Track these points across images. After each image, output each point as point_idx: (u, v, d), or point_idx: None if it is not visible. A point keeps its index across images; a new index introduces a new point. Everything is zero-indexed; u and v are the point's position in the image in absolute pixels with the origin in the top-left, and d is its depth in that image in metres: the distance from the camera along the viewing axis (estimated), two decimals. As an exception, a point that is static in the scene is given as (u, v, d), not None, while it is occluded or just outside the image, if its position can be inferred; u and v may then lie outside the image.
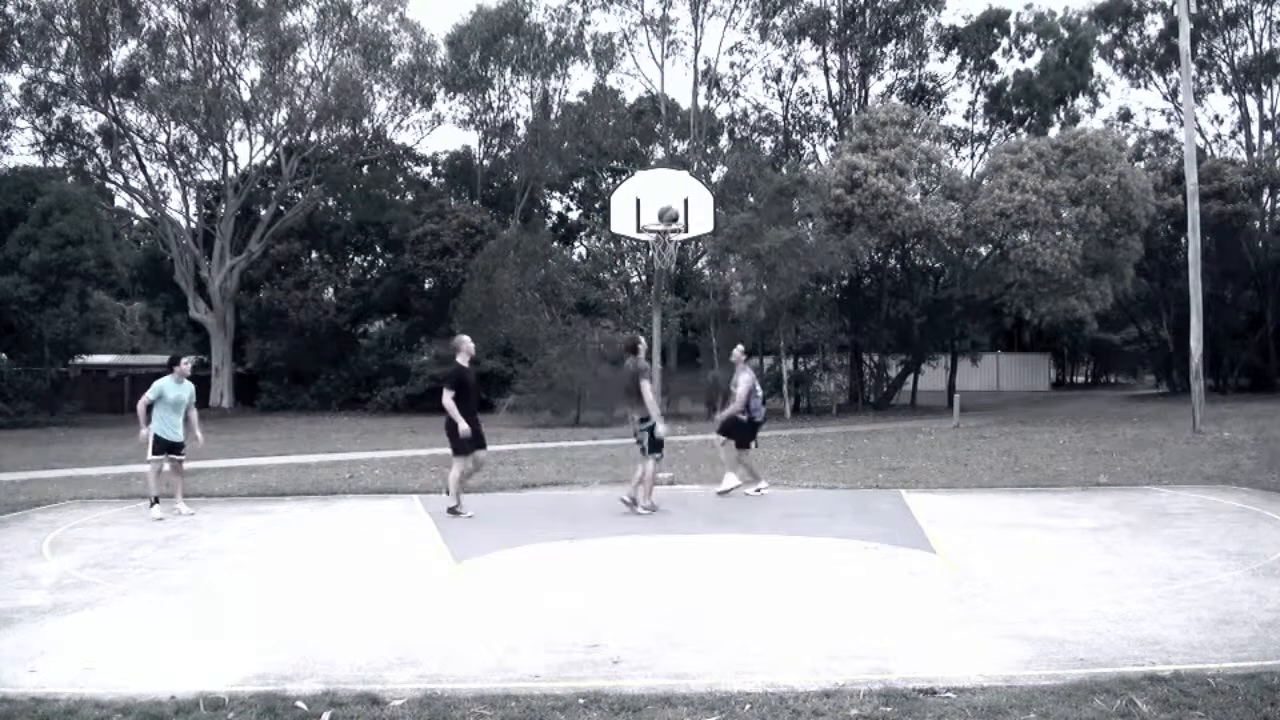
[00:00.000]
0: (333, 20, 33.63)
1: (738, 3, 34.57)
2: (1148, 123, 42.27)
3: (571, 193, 41.77)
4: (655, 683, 4.29)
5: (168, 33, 31.81)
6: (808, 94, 37.89)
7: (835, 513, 9.18)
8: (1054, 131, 32.27)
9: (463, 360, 9.43)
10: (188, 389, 9.84)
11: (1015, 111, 36.05)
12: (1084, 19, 36.25)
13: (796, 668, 4.48)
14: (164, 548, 7.93)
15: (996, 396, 39.32)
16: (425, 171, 41.81)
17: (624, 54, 36.43)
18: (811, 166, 34.40)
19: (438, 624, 5.45)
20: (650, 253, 13.78)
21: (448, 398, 9.18)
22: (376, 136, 37.08)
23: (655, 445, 9.36)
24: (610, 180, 35.74)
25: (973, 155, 37.20)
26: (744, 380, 10.62)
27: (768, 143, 38.28)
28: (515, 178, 38.14)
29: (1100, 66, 37.57)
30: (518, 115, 38.55)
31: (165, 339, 44.16)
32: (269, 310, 34.53)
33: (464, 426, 9.09)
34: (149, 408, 9.60)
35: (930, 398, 32.65)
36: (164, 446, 9.68)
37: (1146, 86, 39.13)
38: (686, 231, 11.66)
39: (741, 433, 10.70)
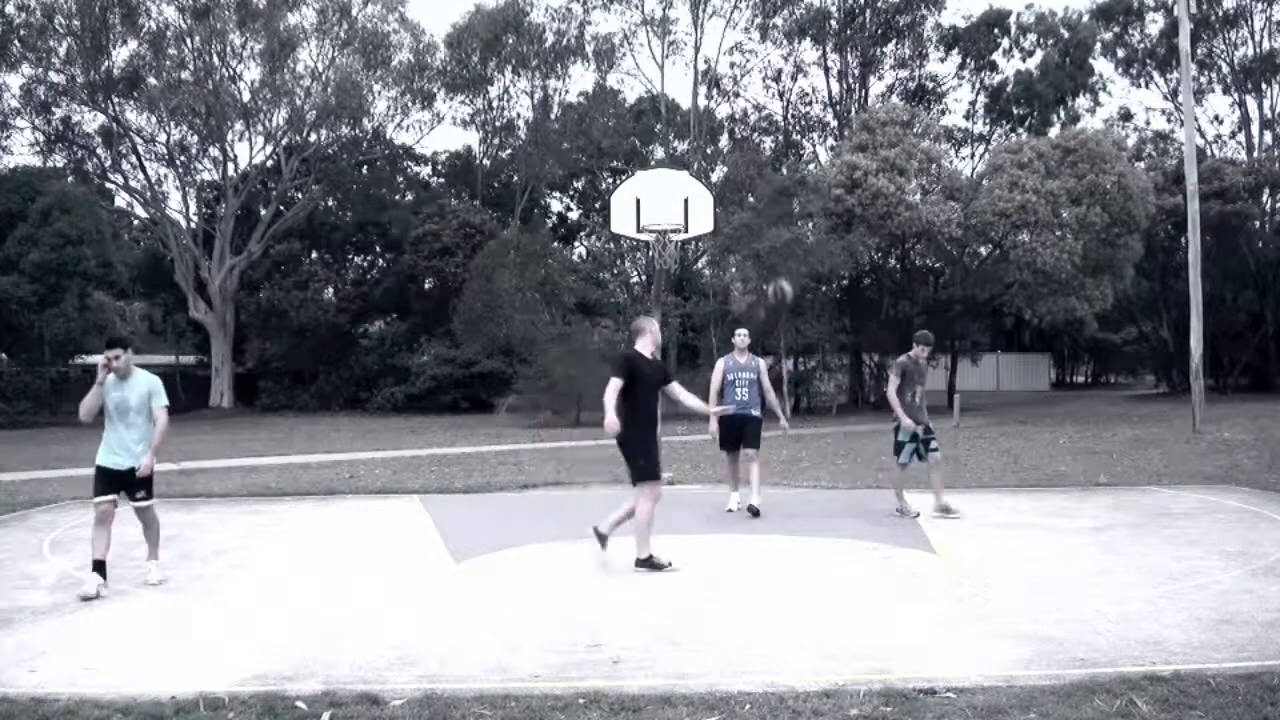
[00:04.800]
0: (332, 20, 33.64)
1: (738, 3, 34.60)
2: (1148, 123, 42.31)
3: (571, 193, 41.76)
4: (655, 683, 4.29)
5: (168, 33, 31.82)
6: (808, 94, 37.95)
7: (835, 513, 9.18)
8: (1054, 131, 32.27)
9: (643, 347, 6.79)
10: (138, 387, 6.35)
11: (1015, 111, 36.05)
12: (1084, 18, 36.25)
13: (796, 668, 4.48)
14: (164, 548, 7.91)
15: (996, 396, 39.29)
16: (425, 171, 41.85)
17: (624, 54, 36.46)
18: (811, 166, 34.39)
19: (438, 624, 5.45)
20: (650, 253, 13.77)
21: (611, 391, 6.51)
22: (376, 136, 37.13)
23: (895, 447, 8.94)
24: (610, 180, 35.73)
25: (973, 155, 37.25)
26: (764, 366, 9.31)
27: (768, 143, 38.28)
28: (515, 178, 38.15)
29: (1101, 65, 37.63)
30: (518, 115, 38.61)
31: (165, 339, 44.14)
32: (269, 310, 34.54)
33: (614, 423, 6.44)
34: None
35: (930, 397, 32.36)
36: (106, 481, 6.32)
37: (1147, 86, 39.16)
38: (686, 231, 11.65)
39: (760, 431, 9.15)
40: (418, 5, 53.58)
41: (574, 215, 41.98)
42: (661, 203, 11.33)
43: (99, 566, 6.25)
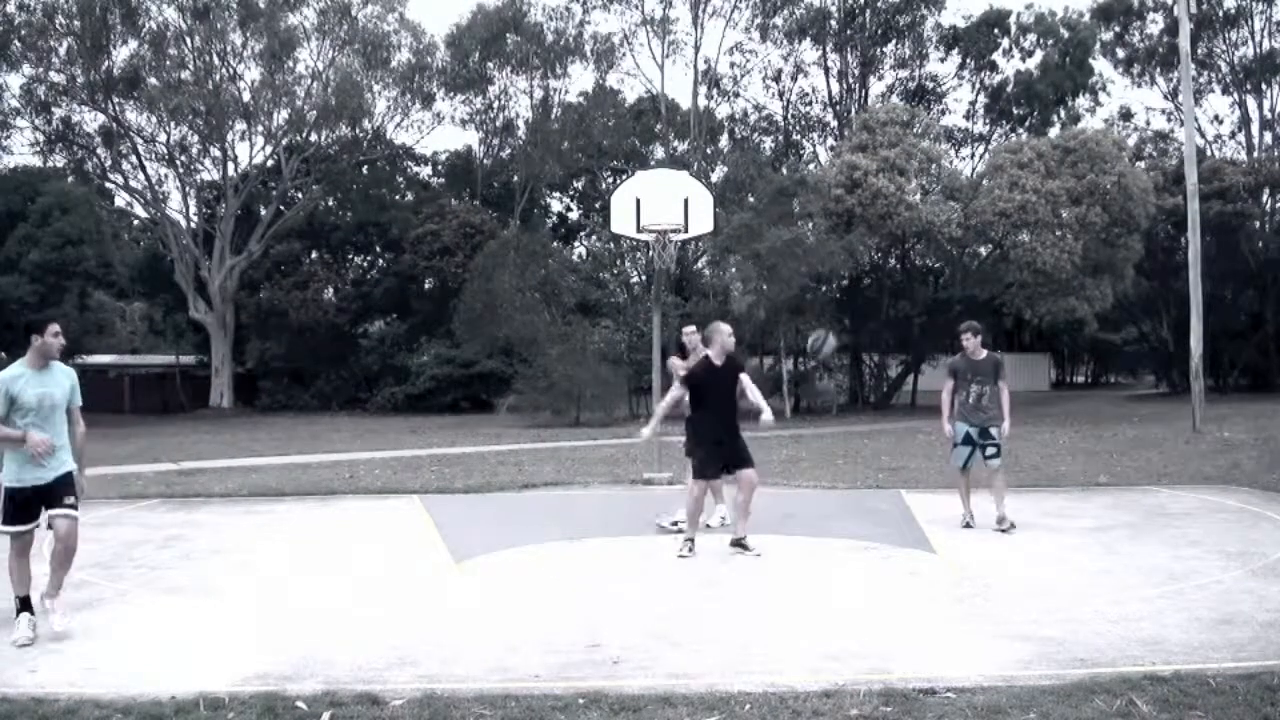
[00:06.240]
0: (333, 20, 33.64)
1: (738, 3, 34.53)
2: (1148, 123, 42.24)
3: (571, 193, 41.74)
4: (655, 683, 4.29)
5: (168, 33, 31.81)
6: (808, 94, 37.91)
7: (835, 513, 9.18)
8: (1054, 131, 32.24)
9: (713, 353, 7.34)
10: (61, 379, 5.27)
11: (1015, 111, 36.01)
12: (1084, 18, 36.24)
13: (796, 668, 4.48)
14: (164, 548, 7.93)
15: (996, 396, 39.22)
16: (425, 171, 41.82)
17: (624, 54, 36.39)
18: (811, 166, 34.37)
19: (438, 624, 5.45)
20: (650, 253, 13.77)
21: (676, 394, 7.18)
22: (376, 136, 37.09)
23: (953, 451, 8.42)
24: (610, 180, 35.70)
25: (973, 155, 37.19)
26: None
27: (768, 143, 38.27)
28: (515, 178, 38.12)
29: (1101, 65, 37.58)
30: (518, 115, 38.58)
31: (165, 339, 44.18)
32: (269, 310, 34.54)
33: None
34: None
35: (930, 398, 32.46)
36: (25, 503, 5.16)
37: (1152, 85, 39.11)
38: (686, 231, 11.65)
39: None
40: (418, 5, 53.56)
41: (574, 215, 41.96)
42: (661, 203, 11.35)
43: (26, 604, 5.18)
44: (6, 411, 5.05)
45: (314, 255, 37.88)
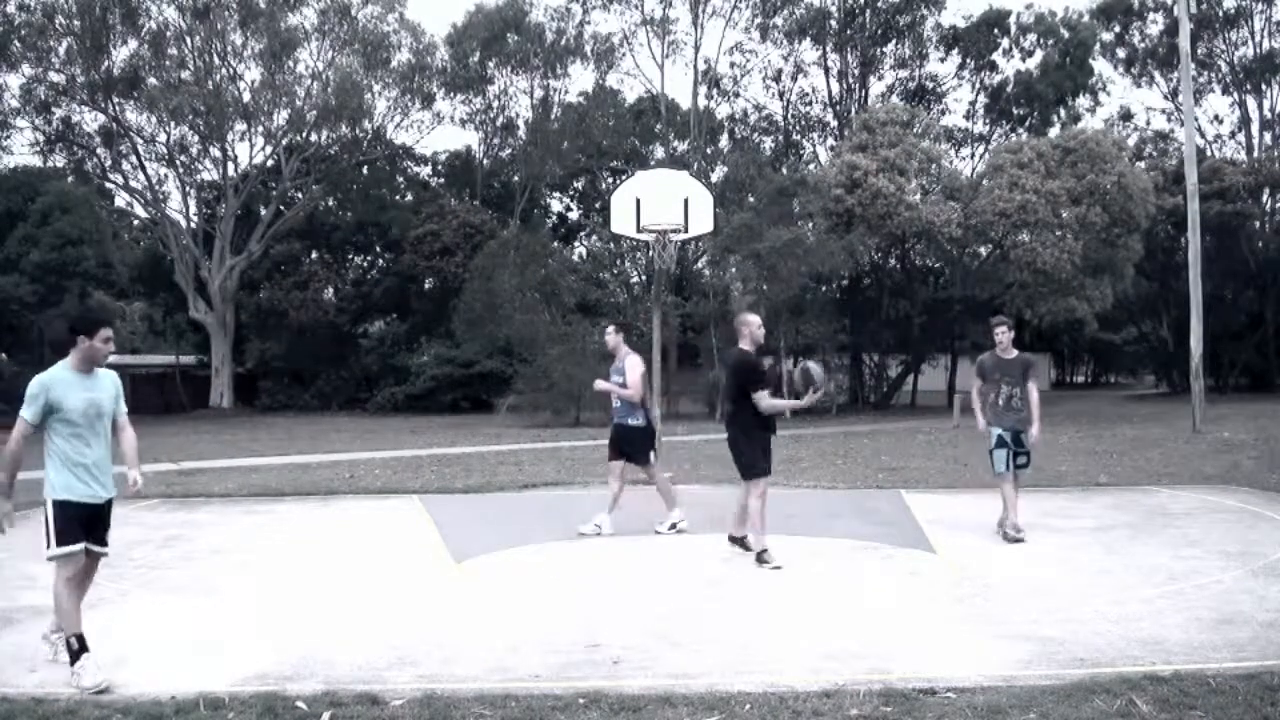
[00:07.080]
0: (333, 20, 33.65)
1: (738, 3, 34.54)
2: (1148, 122, 42.29)
3: (571, 193, 41.76)
4: (655, 683, 4.29)
5: (168, 33, 31.83)
6: (808, 94, 37.94)
7: (835, 513, 9.18)
8: (1054, 131, 32.28)
9: (748, 346, 7.09)
10: (108, 385, 4.67)
11: (1015, 111, 36.05)
12: (1084, 18, 36.26)
13: (796, 668, 4.48)
14: (164, 548, 7.93)
15: (996, 396, 39.19)
16: (425, 171, 41.83)
17: (624, 54, 36.43)
18: (811, 166, 34.39)
19: (438, 624, 5.45)
20: (650, 253, 13.76)
21: (763, 399, 6.82)
22: (376, 136, 37.09)
23: (989, 455, 7.95)
24: (610, 180, 35.70)
25: (973, 155, 37.23)
26: (634, 366, 8.15)
27: (768, 143, 38.28)
28: (515, 178, 38.14)
29: (1101, 65, 37.65)
30: (518, 115, 38.60)
31: (165, 339, 44.16)
32: (269, 310, 34.56)
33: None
34: (24, 436, 4.51)
35: (930, 398, 32.64)
36: (80, 519, 4.53)
37: (1152, 85, 39.15)
38: (686, 231, 11.64)
39: (643, 443, 8.37)
40: (418, 5, 53.59)
41: (574, 215, 41.97)
42: (661, 203, 11.33)
43: (84, 643, 4.42)
44: (42, 420, 4.43)
45: (314, 255, 37.90)
